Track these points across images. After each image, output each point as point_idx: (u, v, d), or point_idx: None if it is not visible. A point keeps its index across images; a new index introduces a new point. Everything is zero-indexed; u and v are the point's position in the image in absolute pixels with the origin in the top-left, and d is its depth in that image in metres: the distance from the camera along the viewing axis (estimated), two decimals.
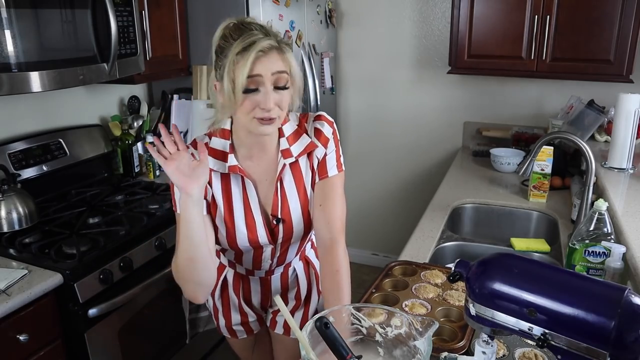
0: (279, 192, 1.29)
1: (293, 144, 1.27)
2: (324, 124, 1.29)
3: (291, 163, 1.28)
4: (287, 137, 1.27)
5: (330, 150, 1.29)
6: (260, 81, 1.12)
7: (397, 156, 3.38)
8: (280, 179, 1.28)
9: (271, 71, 1.13)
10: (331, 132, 1.30)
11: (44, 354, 1.59)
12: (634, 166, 2.18)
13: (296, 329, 0.90)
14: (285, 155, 1.26)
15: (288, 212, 1.30)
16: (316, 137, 1.28)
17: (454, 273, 0.92)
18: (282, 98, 1.16)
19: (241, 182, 1.28)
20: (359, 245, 3.58)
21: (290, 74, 1.16)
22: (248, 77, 1.11)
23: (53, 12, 1.72)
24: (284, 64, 1.15)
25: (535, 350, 1.14)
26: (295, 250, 1.41)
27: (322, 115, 1.31)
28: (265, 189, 1.30)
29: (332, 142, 1.30)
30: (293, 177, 1.29)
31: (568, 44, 2.48)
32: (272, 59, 1.13)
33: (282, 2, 2.53)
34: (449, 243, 1.86)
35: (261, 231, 1.30)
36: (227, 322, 1.52)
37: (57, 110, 2.29)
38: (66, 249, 1.72)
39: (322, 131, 1.29)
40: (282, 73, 1.14)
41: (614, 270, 1.33)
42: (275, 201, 1.29)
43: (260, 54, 1.11)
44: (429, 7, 3.07)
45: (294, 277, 1.48)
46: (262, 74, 1.12)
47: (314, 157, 1.29)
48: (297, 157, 1.27)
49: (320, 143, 1.28)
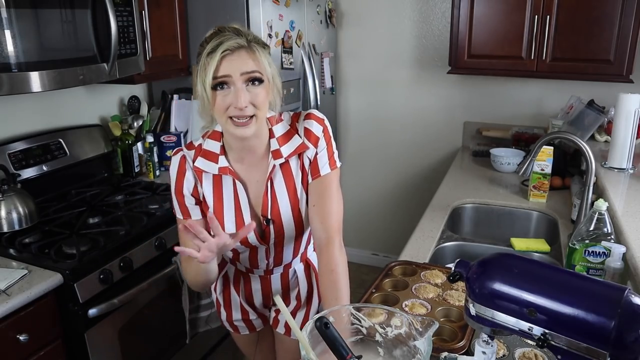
0: (269, 193, 1.29)
1: (283, 144, 1.26)
2: (312, 122, 1.28)
3: (281, 163, 1.27)
4: (278, 137, 1.27)
5: (321, 149, 1.28)
6: (229, 81, 1.13)
7: (397, 156, 3.38)
8: (270, 180, 1.28)
9: (240, 71, 1.12)
10: (321, 130, 1.28)
11: (44, 354, 1.59)
12: (634, 166, 2.18)
13: (296, 328, 0.90)
14: (276, 156, 1.26)
15: (278, 212, 1.30)
16: (306, 136, 1.27)
17: (454, 273, 0.92)
18: (256, 96, 1.15)
19: (232, 183, 1.28)
20: (359, 245, 3.58)
21: (262, 73, 1.15)
22: (214, 78, 1.12)
23: (53, 12, 1.72)
24: (255, 63, 1.14)
25: (535, 350, 1.14)
26: (291, 251, 1.41)
27: (311, 114, 1.29)
28: (255, 190, 1.30)
29: (322, 140, 1.28)
30: (283, 177, 1.29)
31: (568, 44, 2.48)
32: (241, 58, 1.13)
33: (282, 2, 2.53)
34: (449, 243, 1.86)
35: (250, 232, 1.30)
36: (228, 317, 1.53)
37: (57, 110, 2.29)
38: (66, 249, 1.72)
39: (311, 130, 1.27)
40: (253, 73, 1.14)
41: (614, 270, 1.33)
42: (265, 202, 1.29)
43: (227, 52, 1.11)
44: (429, 7, 3.07)
45: (294, 279, 1.48)
46: (230, 74, 1.12)
47: (305, 157, 1.29)
48: (287, 157, 1.26)
49: (310, 143, 1.27)
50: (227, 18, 2.39)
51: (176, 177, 1.29)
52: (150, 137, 2.49)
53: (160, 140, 2.56)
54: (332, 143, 1.31)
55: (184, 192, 1.28)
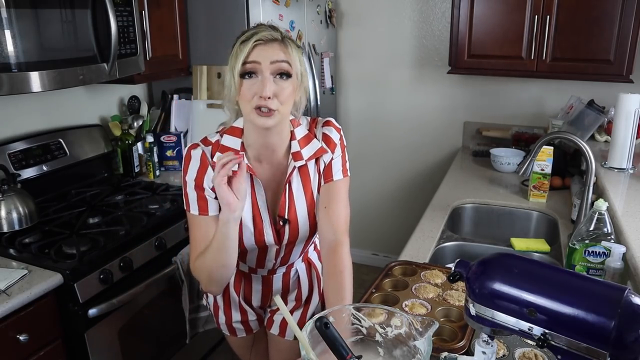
0: (287, 194, 1.29)
1: (304, 147, 1.28)
2: (332, 129, 1.31)
3: (300, 166, 1.28)
4: (299, 140, 1.28)
5: (337, 155, 1.31)
6: (258, 68, 1.13)
7: (397, 156, 3.38)
8: (289, 181, 1.29)
9: (270, 60, 1.13)
10: (338, 138, 1.32)
11: (44, 354, 1.59)
12: (634, 166, 2.18)
13: (296, 328, 0.90)
14: (296, 157, 1.27)
15: (295, 213, 1.31)
16: (324, 142, 1.30)
17: (454, 273, 0.92)
18: (282, 89, 1.15)
19: (250, 181, 1.27)
20: (359, 245, 3.58)
21: (291, 66, 1.16)
22: (244, 63, 1.12)
23: (53, 12, 1.72)
24: (285, 55, 1.15)
25: (535, 350, 1.14)
26: (299, 251, 1.42)
27: (330, 121, 1.33)
28: (273, 190, 1.30)
29: (338, 148, 1.32)
30: (301, 179, 1.30)
31: (568, 44, 2.48)
32: (272, 48, 1.14)
33: (282, 2, 2.53)
34: (449, 243, 1.86)
35: (268, 231, 1.30)
36: (228, 319, 1.52)
37: (57, 110, 2.29)
38: (66, 249, 1.72)
39: (330, 137, 1.31)
40: (282, 62, 1.14)
41: (614, 270, 1.33)
42: (283, 202, 1.30)
43: (260, 42, 1.13)
44: (429, 7, 3.07)
45: (295, 278, 1.48)
46: (259, 61, 1.13)
47: (321, 162, 1.31)
48: (307, 160, 1.28)
49: (328, 148, 1.30)
50: (227, 18, 2.39)
51: (197, 171, 1.24)
52: (150, 137, 2.49)
53: (160, 140, 2.56)
54: (345, 152, 1.34)
55: (204, 185, 1.24)
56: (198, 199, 1.25)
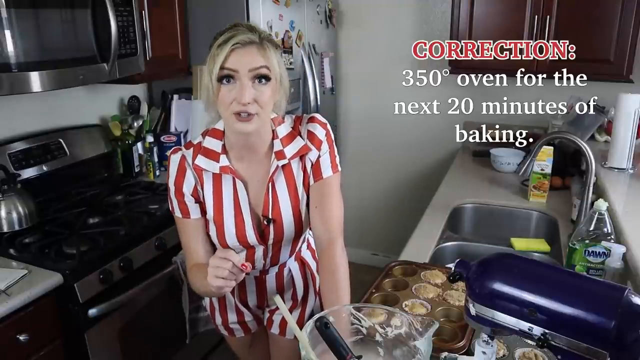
0: (270, 193, 1.29)
1: (287, 145, 1.27)
2: (316, 126, 1.29)
3: (283, 165, 1.28)
4: (281, 138, 1.27)
5: (324, 152, 1.29)
6: (236, 76, 1.12)
7: (397, 156, 3.38)
8: (272, 180, 1.28)
9: (248, 67, 1.12)
10: (324, 134, 1.29)
11: (44, 354, 1.59)
12: (634, 166, 2.17)
13: (296, 328, 0.90)
14: (279, 156, 1.26)
15: (279, 212, 1.30)
16: (309, 139, 1.28)
17: (454, 273, 0.92)
18: (261, 94, 1.14)
19: (232, 182, 1.27)
20: (359, 245, 3.57)
21: (270, 70, 1.15)
22: (221, 68, 1.11)
23: (53, 12, 1.72)
24: (264, 60, 1.14)
25: (535, 350, 1.14)
26: (288, 251, 1.41)
27: (314, 117, 1.30)
28: (256, 190, 1.30)
29: (325, 144, 1.29)
30: (285, 178, 1.29)
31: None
32: (250, 53, 1.12)
33: (282, 2, 2.53)
34: (449, 243, 1.86)
35: (250, 232, 1.30)
36: (224, 321, 1.52)
37: (57, 110, 2.29)
38: (66, 249, 1.72)
39: (314, 134, 1.28)
40: (261, 69, 1.13)
41: (614, 270, 1.33)
42: (266, 202, 1.29)
43: (238, 45, 1.11)
44: (429, 7, 3.07)
45: (289, 278, 1.48)
46: (238, 70, 1.12)
47: (307, 160, 1.29)
48: (290, 159, 1.27)
49: (313, 146, 1.28)
50: (227, 18, 2.38)
51: (176, 176, 1.28)
52: (150, 137, 2.49)
53: (160, 140, 2.56)
54: (334, 147, 1.32)
55: (184, 190, 1.27)
56: (179, 203, 1.29)
